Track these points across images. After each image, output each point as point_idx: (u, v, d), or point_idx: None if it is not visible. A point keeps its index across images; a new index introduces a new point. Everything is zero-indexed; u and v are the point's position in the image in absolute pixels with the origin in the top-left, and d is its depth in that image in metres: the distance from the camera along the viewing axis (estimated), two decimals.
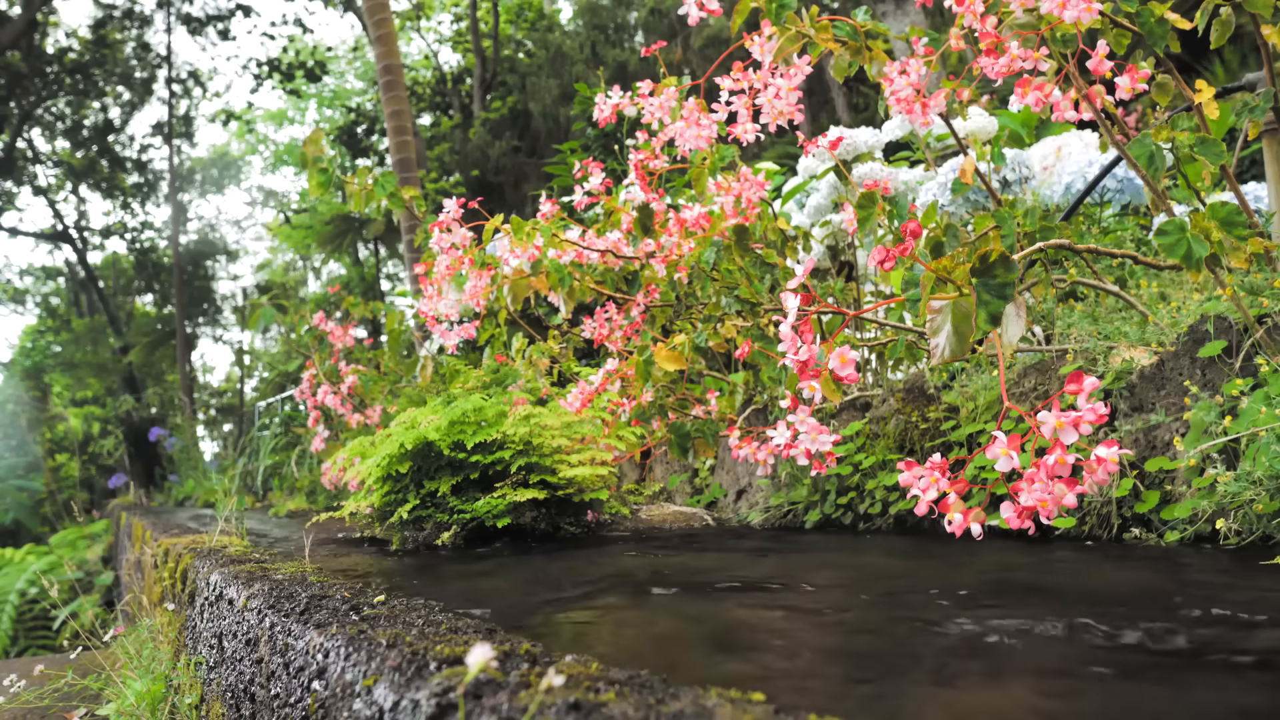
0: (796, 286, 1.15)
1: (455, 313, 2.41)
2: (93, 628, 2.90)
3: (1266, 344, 1.49)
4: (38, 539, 9.93)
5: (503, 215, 2.23)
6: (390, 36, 6.70)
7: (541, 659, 0.74)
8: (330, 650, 0.89)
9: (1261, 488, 1.34)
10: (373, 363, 4.13)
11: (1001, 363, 1.14)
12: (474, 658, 0.56)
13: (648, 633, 1.01)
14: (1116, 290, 1.90)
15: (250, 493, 5.96)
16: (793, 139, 8.94)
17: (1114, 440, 1.07)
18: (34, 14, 13.21)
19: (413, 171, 6.42)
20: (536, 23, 16.34)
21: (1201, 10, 1.67)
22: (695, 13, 1.76)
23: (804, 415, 1.22)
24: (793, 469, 2.27)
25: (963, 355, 1.12)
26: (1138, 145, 1.54)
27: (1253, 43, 3.78)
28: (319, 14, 42.37)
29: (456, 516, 2.05)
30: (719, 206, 2.19)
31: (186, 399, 13.11)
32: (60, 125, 15.96)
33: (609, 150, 5.47)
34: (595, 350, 3.87)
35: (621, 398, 2.17)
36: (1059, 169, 3.00)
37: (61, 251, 18.87)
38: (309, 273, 20.40)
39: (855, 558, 1.61)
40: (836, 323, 1.71)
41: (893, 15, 8.24)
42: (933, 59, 1.67)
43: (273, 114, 22.30)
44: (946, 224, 1.53)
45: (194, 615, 1.70)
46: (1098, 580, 1.23)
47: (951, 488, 1.08)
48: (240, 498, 5.42)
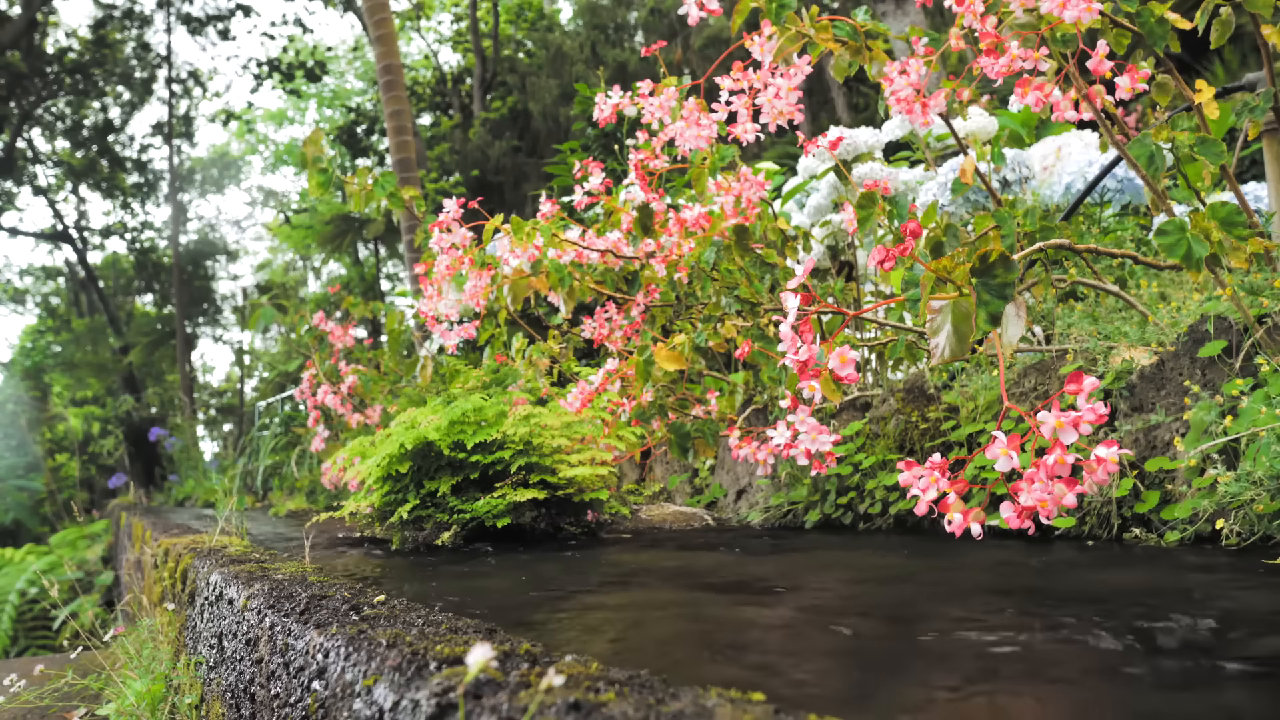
0: (796, 286, 1.15)
1: (455, 313, 2.41)
2: (93, 628, 2.90)
3: (1266, 344, 1.49)
4: (38, 539, 9.93)
5: (503, 215, 2.23)
6: (390, 36, 6.70)
7: (541, 659, 0.74)
8: (330, 650, 0.89)
9: (1262, 488, 1.34)
10: (373, 363, 4.13)
11: (1001, 363, 1.14)
12: (474, 658, 0.56)
13: (648, 632, 1.01)
14: (1116, 290, 1.90)
15: (250, 493, 5.96)
16: (793, 139, 8.94)
17: (1114, 440, 1.07)
18: (34, 14, 13.22)
19: (413, 171, 6.42)
20: (536, 23, 16.34)
21: (1201, 10, 1.67)
22: (695, 13, 1.76)
23: (804, 415, 1.22)
24: (793, 469, 2.27)
25: (963, 355, 1.12)
26: (1138, 145, 1.54)
27: (1253, 43, 3.77)
28: (319, 14, 42.40)
29: (456, 516, 2.05)
30: (719, 206, 2.19)
31: (186, 399, 13.11)
32: (60, 125, 15.97)
33: (609, 150, 5.46)
34: (595, 350, 3.87)
35: (621, 398, 2.17)
36: (1059, 169, 3.00)
37: (61, 251, 18.89)
38: (309, 273, 20.40)
39: (855, 557, 1.61)
40: (836, 323, 1.71)
41: (893, 15, 8.24)
42: (933, 59, 1.67)
43: (273, 114, 22.29)
44: (946, 224, 1.53)
45: (194, 615, 1.70)
46: (1097, 580, 1.23)
47: (951, 488, 1.08)
48: (240, 498, 5.41)
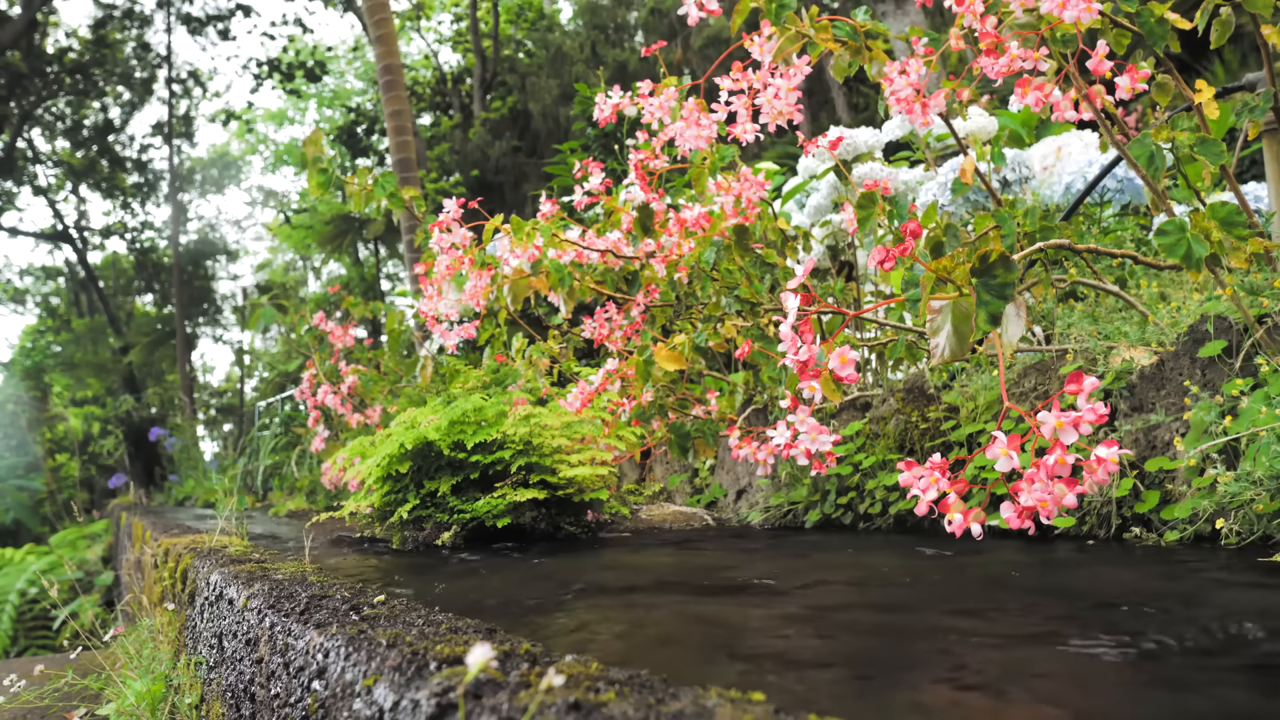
0: (796, 286, 1.15)
1: (455, 313, 2.41)
2: (93, 628, 2.90)
3: (1266, 344, 1.49)
4: (38, 539, 9.93)
5: (503, 215, 2.23)
6: (390, 36, 6.70)
7: (541, 659, 0.74)
8: (330, 650, 0.89)
9: (1261, 488, 1.34)
10: (373, 363, 4.13)
11: (1001, 363, 1.14)
12: (474, 657, 0.56)
13: (648, 632, 1.01)
14: (1116, 290, 1.90)
15: (250, 493, 5.96)
16: (793, 139, 8.94)
17: (1114, 440, 1.07)
18: (34, 14, 13.21)
19: (413, 171, 6.42)
20: (536, 23, 16.34)
21: (1201, 10, 1.67)
22: (695, 13, 1.76)
23: (804, 415, 1.22)
24: (793, 469, 2.27)
25: (963, 355, 1.12)
26: (1138, 145, 1.54)
27: (1253, 43, 3.77)
28: (319, 14, 42.42)
29: (456, 516, 2.05)
30: (719, 206, 2.19)
31: (186, 399, 13.11)
32: (60, 125, 15.97)
33: (609, 150, 5.46)
34: (595, 350, 3.87)
35: (621, 398, 2.17)
36: (1059, 169, 3.00)
37: (61, 251, 18.89)
38: (309, 273, 20.40)
39: (855, 557, 1.61)
40: (836, 323, 1.71)
41: (893, 15, 8.24)
42: (933, 59, 1.67)
43: (273, 114, 22.29)
44: (946, 224, 1.53)
45: (194, 615, 1.70)
46: (1097, 580, 1.23)
47: (951, 488, 1.08)
48: (240, 498, 5.41)
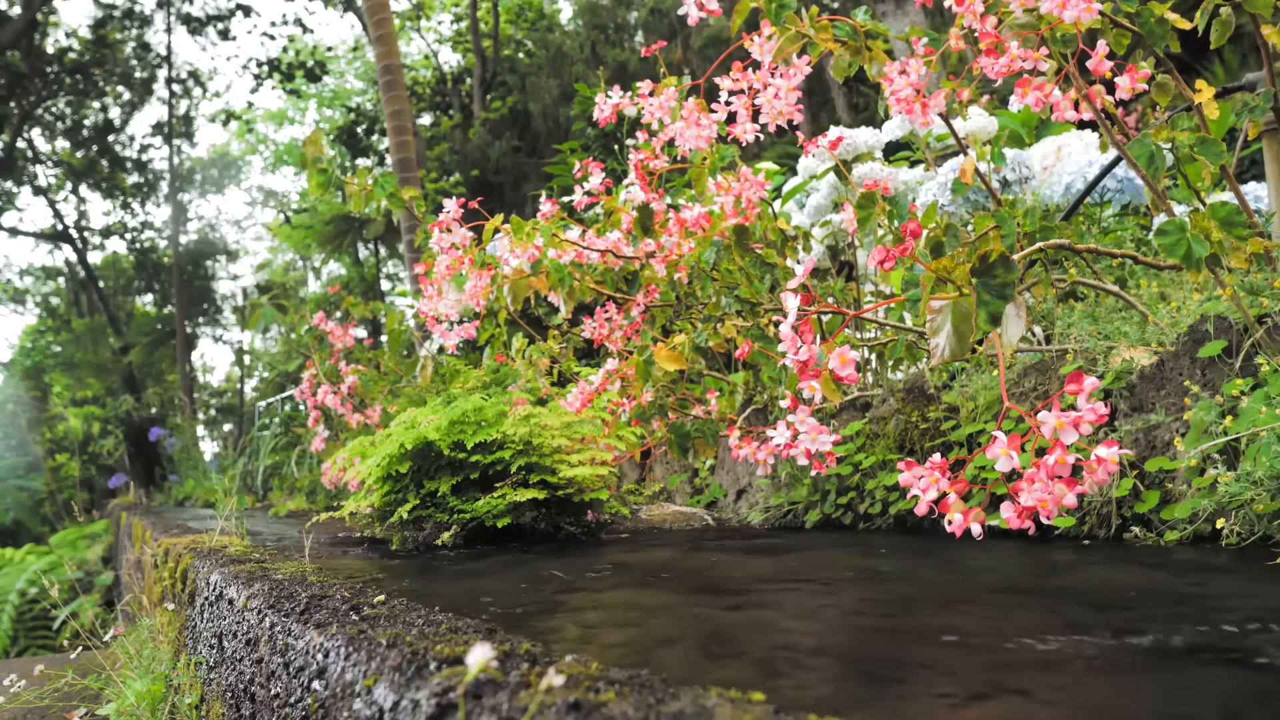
0: (796, 286, 1.15)
1: (455, 313, 2.41)
2: (93, 628, 2.90)
3: (1266, 344, 1.49)
4: (38, 539, 9.93)
5: (503, 215, 2.23)
6: (390, 36, 6.70)
7: (541, 659, 0.74)
8: (330, 650, 0.89)
9: (1262, 488, 1.34)
10: (373, 363, 4.13)
11: (1001, 363, 1.14)
12: (474, 658, 0.56)
13: (648, 632, 1.01)
14: (1116, 290, 1.90)
15: (250, 493, 5.96)
16: (793, 139, 8.94)
17: (1114, 440, 1.07)
18: (34, 14, 13.21)
19: (413, 171, 6.42)
20: (536, 23, 16.34)
21: (1201, 10, 1.67)
22: (695, 13, 1.76)
23: (804, 415, 1.22)
24: (793, 469, 2.27)
25: (963, 355, 1.12)
26: (1138, 145, 1.53)
27: (1253, 43, 3.77)
28: (319, 14, 42.42)
29: (456, 516, 2.05)
30: (719, 206, 2.19)
31: (186, 399, 13.11)
32: (60, 125, 15.97)
33: (609, 150, 5.46)
34: (595, 350, 3.87)
35: (621, 398, 2.17)
36: (1059, 169, 2.99)
37: (61, 251, 18.89)
38: (309, 273, 20.41)
39: (855, 558, 1.61)
40: (836, 323, 1.72)
41: (893, 15, 8.24)
42: (933, 59, 1.67)
43: (273, 114, 22.29)
44: (946, 224, 1.53)
45: (194, 615, 1.70)
46: (1097, 580, 1.23)
47: (951, 488, 1.08)
48: (240, 498, 5.41)
